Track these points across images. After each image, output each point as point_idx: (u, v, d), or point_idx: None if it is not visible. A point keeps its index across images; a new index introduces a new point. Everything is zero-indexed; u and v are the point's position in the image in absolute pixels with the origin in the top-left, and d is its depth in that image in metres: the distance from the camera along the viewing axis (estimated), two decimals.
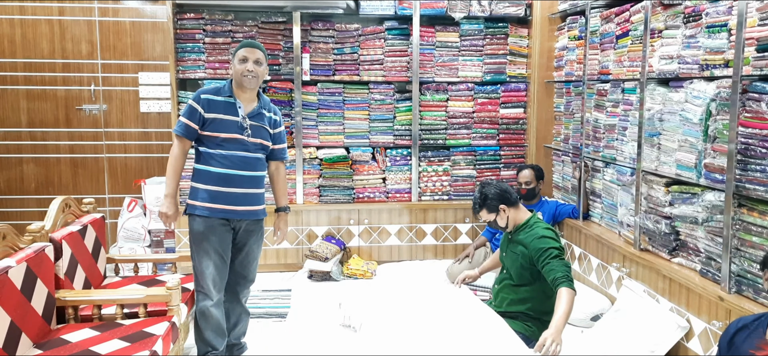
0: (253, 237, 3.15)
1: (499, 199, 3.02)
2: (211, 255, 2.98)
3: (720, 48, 2.85)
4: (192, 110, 2.97)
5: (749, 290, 2.67)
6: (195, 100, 2.98)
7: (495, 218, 3.05)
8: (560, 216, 4.40)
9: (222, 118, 2.97)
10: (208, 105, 2.97)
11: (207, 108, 2.96)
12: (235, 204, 3.00)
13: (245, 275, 3.20)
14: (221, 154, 2.97)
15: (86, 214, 3.33)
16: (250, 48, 3.01)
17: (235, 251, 3.13)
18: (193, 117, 2.97)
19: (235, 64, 3.00)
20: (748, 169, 2.65)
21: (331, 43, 4.86)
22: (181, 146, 3.00)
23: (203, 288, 3.01)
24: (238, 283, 3.20)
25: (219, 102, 2.99)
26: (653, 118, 3.36)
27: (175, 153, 3.00)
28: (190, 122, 2.96)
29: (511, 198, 3.04)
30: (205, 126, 2.97)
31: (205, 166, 2.99)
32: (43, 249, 2.67)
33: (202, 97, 2.98)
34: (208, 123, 2.97)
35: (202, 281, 3.01)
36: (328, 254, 4.57)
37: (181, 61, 4.74)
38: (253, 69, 2.98)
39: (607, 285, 3.79)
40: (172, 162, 2.99)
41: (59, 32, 5.12)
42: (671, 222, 3.21)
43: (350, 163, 4.93)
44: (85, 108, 5.20)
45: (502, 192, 3.03)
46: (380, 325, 3.04)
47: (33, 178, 5.23)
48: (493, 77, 5.00)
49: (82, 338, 2.59)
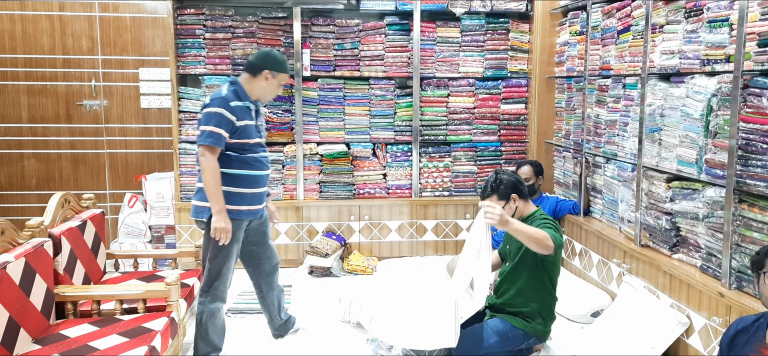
0: (266, 227, 3.25)
1: (512, 188, 3.00)
2: (234, 257, 3.02)
3: (721, 43, 2.83)
4: (224, 120, 2.85)
5: (750, 286, 2.66)
6: (224, 108, 2.86)
7: (504, 206, 3.03)
8: (561, 213, 4.39)
9: (246, 123, 2.96)
10: (237, 112, 2.91)
11: (237, 115, 2.91)
12: (259, 203, 3.09)
13: (272, 255, 3.30)
14: (251, 157, 2.99)
15: (86, 210, 3.33)
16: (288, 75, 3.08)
17: (258, 248, 3.22)
18: (226, 126, 2.86)
19: (275, 85, 3.02)
20: (749, 165, 2.64)
21: (332, 38, 4.85)
22: (214, 156, 2.85)
23: (218, 290, 2.99)
24: (271, 273, 3.31)
25: (242, 108, 2.95)
26: (654, 114, 3.34)
27: (213, 165, 2.83)
28: (222, 131, 2.85)
29: (523, 191, 3.04)
30: (235, 133, 2.92)
31: (239, 170, 2.95)
32: (42, 245, 2.68)
33: (231, 104, 2.89)
34: (239, 131, 2.93)
35: (219, 283, 2.99)
36: (328, 250, 4.57)
37: (181, 57, 4.73)
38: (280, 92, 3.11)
39: (607, 281, 3.78)
40: (213, 175, 2.83)
41: (60, 28, 5.12)
42: (672, 218, 3.20)
43: (351, 158, 4.93)
44: (85, 103, 5.20)
45: (516, 182, 3.03)
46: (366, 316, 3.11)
47: (34, 174, 5.24)
48: (494, 73, 4.98)
49: (81, 333, 2.60)
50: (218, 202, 2.85)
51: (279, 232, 4.79)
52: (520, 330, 2.95)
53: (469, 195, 5.00)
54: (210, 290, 2.99)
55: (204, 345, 3.04)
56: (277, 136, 4.85)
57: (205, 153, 2.82)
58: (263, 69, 2.97)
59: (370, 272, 4.60)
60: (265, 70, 2.97)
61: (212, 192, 2.84)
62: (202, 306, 3.01)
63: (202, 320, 3.01)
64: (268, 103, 2.96)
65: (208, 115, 2.85)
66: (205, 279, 3.01)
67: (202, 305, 3.01)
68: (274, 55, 3.01)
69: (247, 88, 3.00)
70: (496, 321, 3.00)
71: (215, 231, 2.85)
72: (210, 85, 4.73)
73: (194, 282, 3.29)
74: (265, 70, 2.97)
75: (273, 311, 3.39)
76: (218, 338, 3.08)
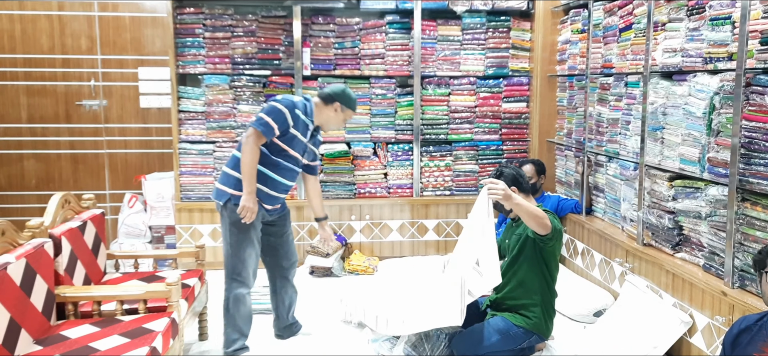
0: (287, 222, 3.38)
1: (512, 181, 3.01)
2: (254, 243, 3.13)
3: (724, 41, 2.82)
4: (282, 117, 2.99)
5: (752, 285, 2.65)
6: (288, 109, 3.01)
7: None
8: (562, 212, 4.38)
9: (298, 136, 3.10)
10: (296, 120, 3.05)
11: (294, 123, 3.04)
12: (273, 204, 3.20)
13: (290, 254, 3.39)
14: (283, 163, 3.11)
15: (86, 210, 3.31)
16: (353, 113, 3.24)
17: (276, 240, 3.32)
18: (281, 124, 2.99)
19: (341, 119, 3.20)
20: (752, 163, 2.63)
21: (332, 37, 4.84)
22: (258, 143, 2.98)
23: (241, 275, 3.11)
24: (288, 268, 3.39)
25: (302, 121, 3.09)
26: (656, 112, 3.33)
27: (254, 150, 2.97)
28: (276, 126, 2.98)
29: (524, 185, 3.04)
30: (283, 137, 3.04)
31: (263, 168, 3.06)
32: (43, 246, 2.66)
33: (296, 111, 3.04)
34: (288, 137, 3.05)
35: (241, 269, 3.10)
36: (329, 250, 4.56)
37: (181, 56, 4.72)
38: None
39: (609, 280, 3.77)
40: (252, 159, 2.97)
41: (59, 27, 5.10)
42: (674, 217, 3.19)
43: (351, 158, 4.92)
44: (85, 103, 5.19)
45: (517, 176, 3.04)
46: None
47: (33, 174, 5.23)
48: (495, 71, 4.97)
49: (81, 334, 2.58)
50: (250, 184, 2.98)
51: None
52: (522, 328, 2.94)
53: (471, 194, 4.99)
54: (232, 276, 3.12)
55: (231, 331, 3.16)
56: None
57: (253, 135, 2.96)
58: (335, 101, 3.15)
59: (371, 272, 4.59)
60: (336, 102, 3.15)
61: (247, 174, 2.98)
62: (227, 292, 3.15)
63: (228, 307, 3.15)
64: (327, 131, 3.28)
65: (271, 106, 3.01)
66: (227, 266, 3.13)
67: (227, 292, 3.15)
68: (348, 93, 3.19)
69: (315, 111, 3.15)
70: (497, 319, 2.99)
71: (242, 209, 2.98)
72: (210, 85, 4.72)
73: (195, 282, 3.27)
74: (336, 102, 3.15)
75: (282, 309, 3.43)
76: (244, 324, 3.19)
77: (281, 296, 3.42)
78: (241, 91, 4.76)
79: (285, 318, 3.45)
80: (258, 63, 4.79)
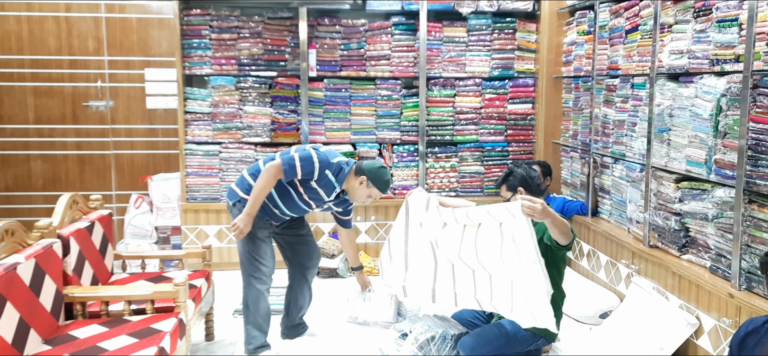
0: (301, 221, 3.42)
1: (520, 181, 3.05)
2: (266, 241, 3.18)
3: (730, 43, 2.82)
4: (310, 171, 3.02)
5: (759, 287, 2.64)
6: (320, 166, 3.02)
7: (509, 198, 3.06)
8: (568, 213, 4.37)
9: (317, 190, 3.11)
10: (321, 179, 3.06)
11: (319, 181, 3.06)
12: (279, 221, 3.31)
13: (312, 257, 3.44)
14: (294, 198, 3.14)
15: (93, 211, 3.33)
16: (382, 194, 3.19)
17: (293, 239, 3.38)
18: (306, 175, 3.03)
19: (365, 193, 3.14)
20: (759, 165, 2.63)
21: (338, 38, 4.85)
22: (278, 176, 3.03)
23: (259, 271, 3.16)
24: (310, 268, 3.44)
25: (329, 182, 3.09)
26: (663, 114, 3.32)
27: (270, 180, 3.01)
28: (301, 173, 3.02)
29: (532, 186, 3.05)
30: (302, 182, 3.08)
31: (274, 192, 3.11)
32: (51, 246, 2.68)
33: (325, 171, 3.05)
34: (306, 185, 3.09)
35: (259, 265, 3.16)
36: (334, 251, 4.57)
37: (187, 58, 4.73)
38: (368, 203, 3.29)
39: (615, 282, 3.77)
40: (264, 187, 3.01)
41: (66, 29, 5.13)
42: (681, 218, 3.18)
43: (357, 159, 4.92)
44: (91, 104, 5.21)
45: (526, 177, 3.06)
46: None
47: (40, 175, 5.25)
48: (501, 73, 4.97)
49: (90, 334, 2.60)
50: (253, 207, 3.01)
51: None
52: (529, 331, 2.93)
53: (476, 195, 4.99)
54: (248, 273, 3.18)
55: (251, 327, 3.22)
56: (282, 137, 4.84)
57: (276, 167, 3.00)
58: (364, 175, 3.11)
59: (376, 273, 4.59)
60: (364, 176, 3.11)
61: (255, 197, 3.01)
62: (246, 290, 3.20)
63: (247, 304, 3.21)
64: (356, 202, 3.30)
65: (307, 155, 3.03)
66: (243, 264, 3.20)
67: (246, 290, 3.20)
68: (380, 174, 3.13)
69: (346, 179, 3.14)
70: (504, 321, 2.99)
71: (233, 225, 3.04)
72: (216, 86, 4.73)
73: (202, 283, 3.29)
74: (364, 176, 3.11)
75: (293, 307, 3.46)
76: (264, 321, 3.23)
77: (296, 295, 3.44)
78: (247, 92, 4.78)
79: (294, 318, 3.47)
80: (264, 64, 4.80)
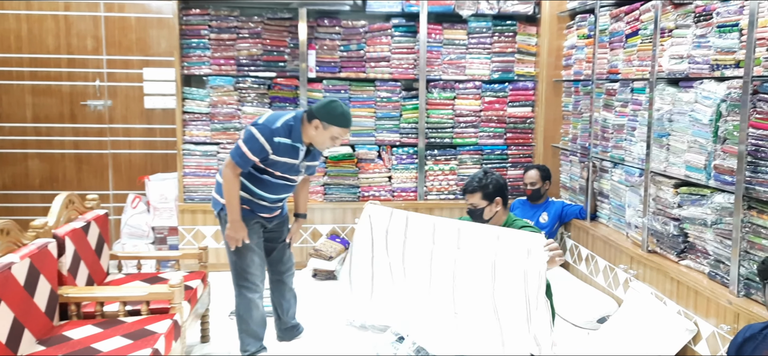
0: (284, 227, 3.34)
1: (499, 191, 2.87)
2: (254, 249, 3.10)
3: (731, 48, 2.81)
4: (260, 147, 2.87)
5: (758, 294, 2.63)
6: (266, 139, 2.86)
7: (485, 207, 2.87)
8: (567, 217, 4.36)
9: (285, 161, 2.97)
10: (278, 147, 2.90)
11: (276, 150, 2.91)
12: (269, 213, 3.18)
13: (285, 259, 3.36)
14: (270, 181, 3.04)
15: (90, 211, 3.31)
16: (347, 130, 2.98)
17: (273, 245, 3.30)
18: (258, 153, 2.89)
19: (326, 136, 2.94)
20: (759, 171, 2.62)
21: (338, 39, 4.83)
22: (236, 172, 2.95)
23: (248, 281, 3.11)
24: (284, 272, 3.37)
25: (286, 145, 2.93)
26: (662, 119, 3.31)
27: (231, 179, 2.93)
28: (253, 156, 2.89)
29: (506, 197, 2.93)
30: (266, 163, 2.95)
31: (250, 184, 3.03)
32: (46, 246, 2.66)
33: (275, 139, 2.88)
34: (270, 162, 2.95)
35: (247, 275, 3.10)
36: (332, 253, 4.55)
37: (186, 57, 4.72)
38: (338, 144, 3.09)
39: (614, 286, 3.75)
40: (231, 189, 2.94)
41: (65, 28, 5.11)
42: (680, 223, 3.17)
43: (356, 160, 4.91)
44: (89, 104, 5.19)
45: (504, 186, 2.90)
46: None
47: (37, 174, 5.23)
48: (500, 75, 4.96)
49: (84, 335, 2.58)
50: (234, 213, 2.96)
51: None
52: None
53: None
54: (239, 282, 3.13)
55: (246, 336, 3.18)
56: None
57: (231, 165, 2.93)
58: (315, 117, 2.91)
59: None
60: (315, 119, 2.91)
61: (229, 202, 2.96)
62: (238, 299, 3.15)
63: (241, 313, 3.16)
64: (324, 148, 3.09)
65: (250, 136, 2.88)
66: (232, 273, 3.14)
67: (238, 298, 3.15)
68: (330, 108, 2.91)
69: (303, 130, 2.96)
70: None
71: (227, 238, 3.01)
72: (214, 86, 4.72)
73: (198, 284, 3.27)
74: (315, 119, 2.91)
75: (281, 311, 3.43)
76: (259, 328, 3.19)
77: (279, 299, 3.41)
78: (245, 92, 4.76)
79: (286, 321, 3.45)
80: (263, 65, 4.78)
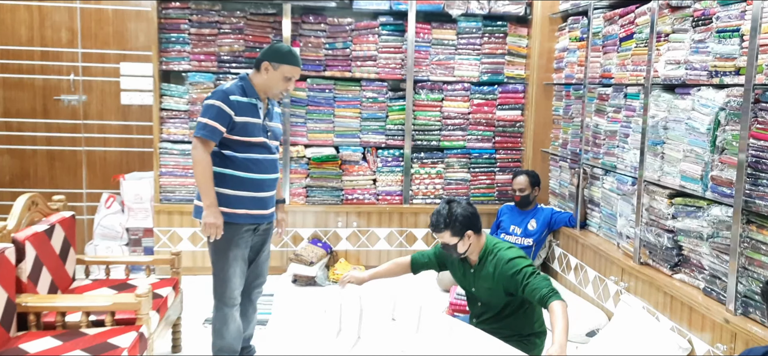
0: (269, 236, 3.11)
1: (467, 224, 2.69)
2: (239, 262, 2.89)
3: (731, 54, 2.70)
4: (220, 112, 2.72)
5: (757, 312, 2.52)
6: (222, 101, 2.73)
7: (457, 243, 2.70)
8: (556, 225, 4.24)
9: (249, 121, 2.81)
10: (237, 107, 2.76)
11: (237, 110, 2.76)
12: (264, 208, 2.94)
13: (261, 274, 3.13)
14: (252, 157, 2.85)
15: (55, 213, 3.13)
16: (298, 68, 2.88)
17: (254, 253, 3.05)
18: (222, 119, 2.73)
19: (277, 77, 2.83)
20: (759, 184, 2.51)
21: (323, 37, 4.68)
22: (207, 150, 2.74)
23: (227, 296, 2.90)
24: (256, 285, 3.13)
25: (245, 104, 2.80)
26: (657, 126, 3.20)
27: (204, 158, 2.73)
28: (218, 124, 2.72)
29: (478, 225, 2.75)
30: (234, 130, 2.78)
31: (235, 171, 2.82)
32: (4, 251, 2.49)
33: (231, 98, 2.75)
34: (238, 127, 2.78)
35: (226, 289, 2.89)
36: (313, 258, 4.40)
37: (164, 52, 4.54)
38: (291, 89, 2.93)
39: (604, 299, 3.64)
40: (203, 169, 2.72)
41: (39, 18, 4.91)
42: (674, 236, 3.06)
43: (339, 162, 4.76)
44: (63, 98, 4.99)
45: (471, 217, 2.71)
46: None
47: (7, 171, 5.02)
48: (490, 77, 4.83)
49: (41, 348, 2.41)
50: (208, 197, 2.73)
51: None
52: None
53: None
54: (218, 297, 2.92)
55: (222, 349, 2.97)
56: None
57: (198, 145, 2.72)
58: (263, 61, 2.82)
59: None
60: (264, 61, 2.82)
61: (202, 185, 2.74)
62: (216, 311, 2.95)
63: (216, 327, 2.96)
64: (281, 99, 2.82)
65: (206, 106, 2.74)
66: (214, 286, 2.93)
67: (216, 311, 2.95)
68: (276, 47, 2.86)
69: (254, 83, 2.86)
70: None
71: (204, 227, 2.75)
72: (194, 82, 4.54)
73: (168, 292, 3.10)
74: (264, 61, 2.82)
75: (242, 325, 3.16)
76: (235, 340, 2.99)
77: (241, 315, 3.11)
78: None
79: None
80: (245, 61, 4.61)
